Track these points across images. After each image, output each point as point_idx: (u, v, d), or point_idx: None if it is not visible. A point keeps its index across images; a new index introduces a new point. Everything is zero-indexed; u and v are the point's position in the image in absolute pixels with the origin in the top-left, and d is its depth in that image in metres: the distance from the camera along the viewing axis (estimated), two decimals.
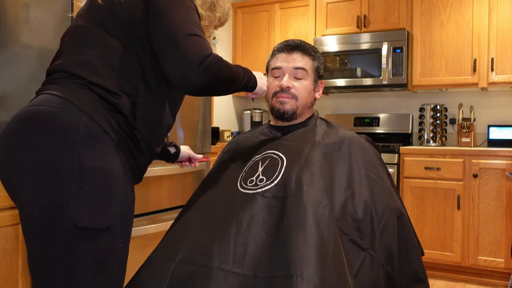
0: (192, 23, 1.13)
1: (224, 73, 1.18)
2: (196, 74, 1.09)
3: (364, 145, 1.43)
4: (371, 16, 3.56)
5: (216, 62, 1.14)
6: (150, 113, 1.18)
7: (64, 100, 1.06)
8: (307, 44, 1.50)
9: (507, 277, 2.90)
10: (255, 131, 1.60)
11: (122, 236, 1.11)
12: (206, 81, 1.12)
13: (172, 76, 1.12)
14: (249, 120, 4.07)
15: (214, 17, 1.30)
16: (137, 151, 1.17)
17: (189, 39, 1.10)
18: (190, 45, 1.10)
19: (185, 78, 1.11)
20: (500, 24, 3.16)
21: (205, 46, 1.13)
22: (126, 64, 1.13)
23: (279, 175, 1.28)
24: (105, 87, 1.09)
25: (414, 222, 3.13)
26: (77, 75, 1.10)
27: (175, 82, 1.13)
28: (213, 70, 1.12)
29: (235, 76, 1.25)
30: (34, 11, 1.70)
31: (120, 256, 1.11)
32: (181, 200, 2.41)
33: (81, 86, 1.09)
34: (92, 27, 1.15)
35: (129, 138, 1.14)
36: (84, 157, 1.03)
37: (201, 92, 1.19)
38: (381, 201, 1.30)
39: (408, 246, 1.33)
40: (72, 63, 1.12)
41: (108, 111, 1.09)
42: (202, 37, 1.13)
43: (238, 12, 4.13)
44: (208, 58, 1.11)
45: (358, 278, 1.13)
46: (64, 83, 1.10)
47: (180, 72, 1.10)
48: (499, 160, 2.92)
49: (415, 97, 3.73)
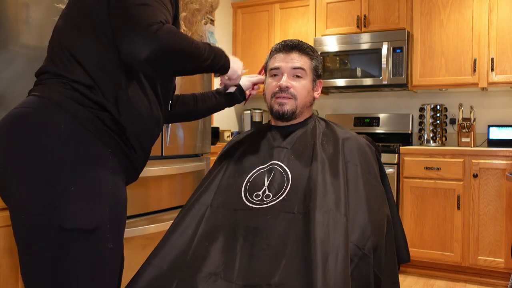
0: None
1: (179, 44, 1.05)
2: (143, 41, 0.99)
3: (362, 145, 1.44)
4: (371, 16, 3.56)
5: (168, 30, 1.03)
6: (133, 106, 1.14)
7: (47, 101, 1.05)
8: (305, 44, 1.51)
9: (507, 277, 2.90)
10: (255, 131, 1.60)
11: (112, 236, 1.09)
12: (155, 50, 1.00)
13: (121, 48, 1.03)
14: (249, 120, 4.06)
15: (205, 1, 1.27)
16: (128, 148, 1.14)
17: (140, 8, 1.02)
18: (139, 13, 1.02)
19: (132, 48, 1.00)
20: (500, 24, 3.16)
21: (157, 14, 1.03)
22: (103, 57, 1.09)
23: (284, 192, 1.29)
24: (87, 84, 1.07)
25: (414, 222, 3.13)
26: (60, 75, 1.08)
27: (123, 53, 1.03)
28: (163, 38, 1.01)
29: (195, 50, 1.11)
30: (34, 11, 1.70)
31: (111, 256, 1.09)
32: (181, 200, 2.41)
33: (64, 85, 1.07)
34: (67, 26, 1.13)
35: (116, 136, 1.11)
36: (68, 158, 1.03)
37: (153, 66, 1.04)
38: (375, 204, 1.31)
39: (392, 250, 1.35)
40: (53, 63, 1.11)
41: (92, 110, 1.07)
42: (157, 8, 1.05)
43: (238, 12, 4.13)
44: (157, 24, 1.01)
45: (353, 277, 1.14)
46: (49, 83, 1.09)
47: (127, 41, 1.01)
48: (499, 160, 2.92)
49: (415, 97, 3.73)
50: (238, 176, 1.40)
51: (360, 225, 1.23)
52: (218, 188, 1.40)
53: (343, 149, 1.39)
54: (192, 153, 2.57)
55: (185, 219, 1.33)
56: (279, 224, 1.21)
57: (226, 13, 4.12)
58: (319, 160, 1.34)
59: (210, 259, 1.18)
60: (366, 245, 1.20)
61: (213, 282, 1.12)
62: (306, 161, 1.36)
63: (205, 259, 1.18)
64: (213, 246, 1.21)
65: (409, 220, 3.15)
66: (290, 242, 1.16)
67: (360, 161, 1.37)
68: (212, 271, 1.15)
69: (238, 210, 1.29)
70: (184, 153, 2.50)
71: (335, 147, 1.39)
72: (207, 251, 1.20)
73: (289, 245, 1.15)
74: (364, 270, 1.18)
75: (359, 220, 1.24)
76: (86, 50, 1.09)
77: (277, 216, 1.23)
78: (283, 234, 1.18)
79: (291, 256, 1.12)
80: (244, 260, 1.15)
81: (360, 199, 1.28)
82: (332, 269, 1.08)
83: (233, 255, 1.17)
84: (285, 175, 1.34)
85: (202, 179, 1.51)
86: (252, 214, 1.26)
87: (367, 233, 1.22)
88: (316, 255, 1.09)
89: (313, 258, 1.09)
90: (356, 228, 1.22)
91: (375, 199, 1.33)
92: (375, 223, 1.26)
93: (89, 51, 1.09)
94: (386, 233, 1.31)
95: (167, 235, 1.31)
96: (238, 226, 1.24)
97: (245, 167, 1.42)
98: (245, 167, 1.42)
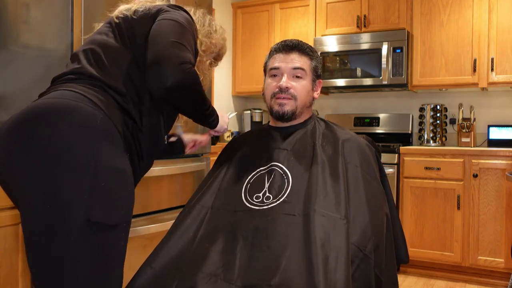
0: (183, 37, 1.19)
1: (198, 88, 1.21)
2: (174, 71, 1.12)
3: (362, 146, 1.44)
4: (371, 16, 3.56)
5: (195, 73, 1.17)
6: (151, 123, 1.25)
7: (81, 95, 1.09)
8: (304, 44, 1.50)
9: (507, 277, 2.90)
10: (255, 132, 1.59)
11: (125, 235, 1.14)
12: (183, 82, 1.13)
13: (150, 70, 1.14)
14: (249, 120, 4.06)
15: (210, 44, 1.40)
16: (138, 155, 1.23)
17: (175, 44, 1.16)
18: (175, 48, 1.15)
19: (161, 74, 1.12)
20: (500, 24, 3.16)
21: (189, 55, 1.17)
22: (135, 74, 1.20)
23: (285, 193, 1.30)
24: (119, 91, 1.16)
25: (414, 222, 3.13)
26: (94, 77, 1.15)
27: (150, 76, 1.15)
28: (191, 76, 1.15)
29: (205, 99, 1.28)
30: (34, 11, 1.69)
31: (121, 253, 1.14)
32: (181, 200, 2.41)
33: (96, 86, 1.14)
34: (109, 40, 1.23)
35: (133, 143, 1.20)
36: (101, 153, 1.06)
37: (171, 95, 1.16)
38: (375, 205, 1.31)
39: (391, 251, 1.35)
40: (89, 67, 1.18)
41: (122, 113, 1.15)
42: (189, 51, 1.19)
43: (238, 12, 4.13)
44: (189, 64, 1.15)
45: (354, 279, 1.14)
46: (80, 82, 1.14)
47: (159, 67, 1.13)
48: (499, 160, 2.92)
49: (415, 97, 3.73)
50: (238, 178, 1.40)
51: (360, 226, 1.23)
52: (218, 190, 1.40)
53: (343, 150, 1.39)
54: (192, 153, 2.57)
55: (185, 220, 1.33)
56: (279, 226, 1.21)
57: (226, 13, 4.12)
58: (319, 162, 1.34)
59: (210, 260, 1.18)
60: (367, 246, 1.20)
61: (213, 283, 1.12)
62: (306, 162, 1.36)
63: (205, 260, 1.18)
64: (213, 247, 1.21)
65: (409, 220, 3.15)
66: (290, 243, 1.16)
67: (360, 162, 1.37)
68: (212, 272, 1.15)
69: (238, 212, 1.29)
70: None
71: (335, 148, 1.39)
72: (207, 252, 1.20)
73: (290, 247, 1.15)
74: (365, 271, 1.18)
75: (360, 221, 1.24)
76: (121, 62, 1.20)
77: (277, 217, 1.23)
78: (283, 236, 1.18)
79: (291, 258, 1.12)
80: (244, 261, 1.15)
81: (361, 200, 1.28)
82: (332, 271, 1.08)
83: (233, 256, 1.17)
84: (285, 176, 1.34)
85: (202, 181, 1.51)
86: (252, 215, 1.26)
87: (368, 234, 1.22)
88: (316, 257, 1.09)
89: (313, 260, 1.09)
90: (357, 229, 1.22)
91: (375, 200, 1.33)
92: (376, 224, 1.26)
93: (126, 66, 1.20)
94: (386, 234, 1.31)
95: (167, 237, 1.31)
96: (238, 227, 1.24)
97: (245, 168, 1.42)
98: (245, 168, 1.42)
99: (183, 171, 2.43)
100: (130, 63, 1.21)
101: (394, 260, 1.37)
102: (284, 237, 1.18)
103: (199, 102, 1.26)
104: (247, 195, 1.33)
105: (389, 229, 1.35)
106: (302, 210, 1.23)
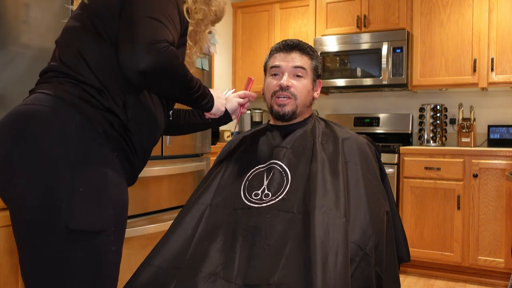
0: (160, 11, 1.06)
1: (177, 69, 1.08)
2: (146, 53, 1.00)
3: (362, 145, 1.44)
4: (371, 16, 3.56)
5: (172, 53, 1.04)
6: (142, 112, 1.15)
7: (56, 98, 1.04)
8: (305, 44, 1.51)
9: (507, 277, 2.90)
10: (255, 131, 1.60)
11: (115, 239, 1.08)
12: (155, 64, 1.01)
13: (121, 53, 1.03)
14: (249, 120, 4.06)
15: (209, 11, 1.28)
16: (131, 152, 1.15)
17: (149, 21, 1.03)
18: (148, 26, 1.02)
19: (132, 56, 1.00)
20: (500, 24, 3.16)
21: (165, 33, 1.04)
22: (112, 61, 1.08)
23: (284, 191, 1.29)
24: (96, 86, 1.07)
25: (414, 222, 3.13)
26: (69, 75, 1.08)
27: (121, 59, 1.03)
28: (165, 56, 1.02)
29: (189, 81, 1.14)
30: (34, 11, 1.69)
31: (113, 259, 1.09)
32: (181, 200, 2.41)
33: (74, 85, 1.07)
34: (78, 27, 1.12)
35: (123, 140, 1.12)
36: (78, 157, 1.02)
37: (146, 79, 1.04)
38: (376, 203, 1.31)
39: (392, 249, 1.35)
40: (64, 63, 1.10)
41: (102, 112, 1.07)
42: (166, 26, 1.06)
43: (238, 12, 4.13)
44: (164, 42, 1.03)
45: (355, 277, 1.14)
46: (56, 81, 1.08)
47: (129, 48, 1.01)
48: (499, 160, 2.92)
49: (415, 97, 3.73)
50: (237, 176, 1.40)
51: (361, 225, 1.23)
52: (217, 188, 1.40)
53: (343, 148, 1.39)
54: (192, 153, 2.57)
55: (184, 219, 1.33)
56: (278, 224, 1.21)
57: (226, 13, 4.11)
58: (319, 160, 1.34)
59: (210, 258, 1.18)
60: (367, 244, 1.20)
61: (212, 282, 1.12)
62: (306, 160, 1.36)
63: (205, 259, 1.18)
64: (213, 246, 1.21)
65: (409, 220, 3.15)
66: (289, 241, 1.16)
67: (360, 160, 1.37)
68: (211, 271, 1.15)
69: (237, 209, 1.29)
70: (184, 153, 2.50)
71: (335, 146, 1.39)
72: (207, 251, 1.20)
73: (289, 245, 1.15)
74: (366, 269, 1.18)
75: (360, 219, 1.24)
76: (96, 53, 1.09)
77: (276, 215, 1.23)
78: (282, 234, 1.18)
79: (290, 256, 1.12)
80: (243, 260, 1.15)
81: (361, 199, 1.28)
82: (332, 269, 1.08)
83: (233, 254, 1.17)
84: (284, 174, 1.34)
85: (202, 179, 1.51)
86: (252, 213, 1.26)
87: (368, 233, 1.22)
88: (316, 255, 1.09)
89: (312, 258, 1.09)
90: (357, 227, 1.22)
91: (376, 198, 1.32)
92: (376, 223, 1.26)
93: (99, 54, 1.09)
94: (386, 232, 1.31)
95: (167, 235, 1.31)
96: (238, 225, 1.24)
97: (244, 166, 1.42)
98: (244, 166, 1.42)
99: (183, 171, 2.43)
100: (104, 50, 1.09)
101: (395, 258, 1.37)
102: (283, 235, 1.18)
103: (181, 85, 1.13)
104: (246, 192, 1.33)
105: (389, 227, 1.35)
106: (301, 208, 1.23)
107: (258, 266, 1.13)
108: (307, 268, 1.08)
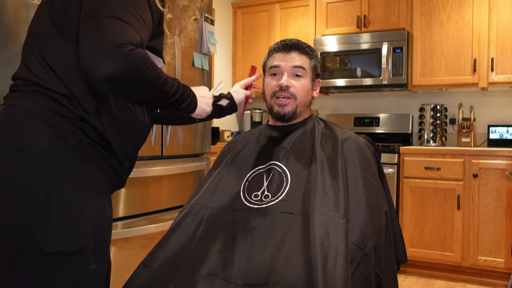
0: (125, 6, 0.95)
1: (146, 74, 0.96)
2: (108, 58, 0.89)
3: (361, 145, 1.44)
4: (371, 16, 3.56)
5: (139, 56, 0.94)
6: (118, 116, 1.06)
7: (25, 112, 0.98)
8: (304, 44, 1.51)
9: (507, 277, 2.90)
10: (254, 131, 1.60)
11: (95, 257, 1.03)
12: (119, 71, 0.90)
13: (82, 57, 0.92)
14: (249, 120, 4.06)
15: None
16: (114, 160, 1.08)
17: (111, 21, 0.92)
18: (110, 28, 0.91)
19: (94, 61, 0.90)
20: (500, 24, 3.16)
21: (130, 33, 0.94)
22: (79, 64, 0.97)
23: (284, 192, 1.29)
24: (65, 94, 1.00)
25: (414, 222, 3.13)
26: (36, 83, 1.00)
27: (82, 63, 0.92)
28: (130, 61, 0.91)
29: (161, 85, 1.02)
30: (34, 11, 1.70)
31: (94, 277, 1.04)
32: (181, 200, 2.41)
33: (42, 94, 0.99)
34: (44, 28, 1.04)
35: (101, 148, 1.04)
36: (50, 175, 0.97)
37: (111, 86, 0.94)
38: (375, 204, 1.31)
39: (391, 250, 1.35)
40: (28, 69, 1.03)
41: (74, 121, 1.00)
42: (132, 25, 0.95)
43: (238, 12, 4.13)
44: (129, 45, 0.92)
45: (354, 277, 1.14)
46: (25, 90, 1.01)
47: (90, 52, 0.91)
48: (499, 160, 2.92)
49: (415, 97, 3.74)
50: (237, 177, 1.40)
51: (360, 225, 1.23)
52: (217, 189, 1.40)
53: (342, 149, 1.39)
54: (192, 153, 2.57)
55: (184, 220, 1.33)
56: (278, 224, 1.21)
57: (226, 13, 4.12)
58: (318, 161, 1.34)
59: (209, 259, 1.18)
60: (367, 245, 1.20)
61: (211, 282, 1.12)
62: (305, 161, 1.36)
63: (204, 259, 1.18)
64: (212, 246, 1.21)
65: (409, 220, 3.15)
66: (289, 242, 1.16)
67: (359, 161, 1.37)
68: (210, 271, 1.15)
69: (237, 210, 1.29)
70: (184, 153, 2.50)
71: (334, 147, 1.39)
72: (206, 251, 1.20)
73: (288, 245, 1.15)
74: (365, 270, 1.18)
75: (360, 220, 1.24)
76: (61, 56, 1.01)
77: (276, 216, 1.23)
78: (282, 234, 1.18)
79: (290, 256, 1.12)
80: (243, 260, 1.15)
81: (360, 199, 1.28)
82: (331, 269, 1.08)
83: (232, 255, 1.17)
84: (284, 175, 1.34)
85: (202, 180, 1.51)
86: (251, 214, 1.26)
87: (367, 233, 1.22)
88: (315, 256, 1.09)
89: (312, 259, 1.09)
90: (357, 228, 1.22)
91: (375, 198, 1.33)
92: (376, 223, 1.26)
93: (64, 57, 1.00)
94: (385, 232, 1.31)
95: (166, 236, 1.31)
96: (237, 226, 1.24)
97: (244, 167, 1.42)
98: (244, 167, 1.42)
99: (183, 171, 2.43)
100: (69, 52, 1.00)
101: (393, 259, 1.37)
102: (283, 236, 1.18)
103: (153, 90, 1.01)
104: (245, 194, 1.33)
105: (388, 228, 1.35)
106: (301, 209, 1.23)
107: (257, 266, 1.13)
108: (307, 268, 1.08)
